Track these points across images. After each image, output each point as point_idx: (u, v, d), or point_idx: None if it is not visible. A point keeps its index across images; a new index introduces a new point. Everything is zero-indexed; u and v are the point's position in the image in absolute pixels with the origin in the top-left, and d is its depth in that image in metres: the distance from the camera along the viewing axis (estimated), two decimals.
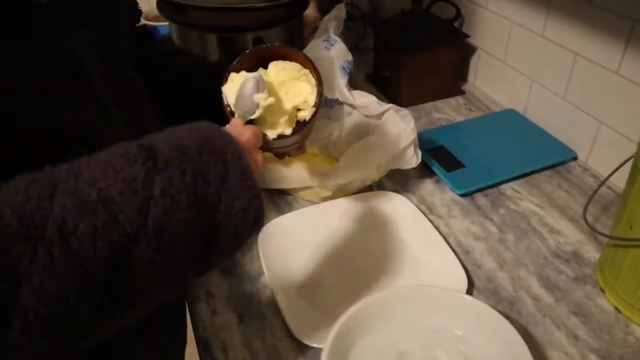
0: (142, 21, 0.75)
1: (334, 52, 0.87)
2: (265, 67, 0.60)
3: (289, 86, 0.58)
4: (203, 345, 0.64)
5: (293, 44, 1.06)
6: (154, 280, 0.37)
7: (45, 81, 0.42)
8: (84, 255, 0.32)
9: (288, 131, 0.58)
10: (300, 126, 0.59)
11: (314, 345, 0.61)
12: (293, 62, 0.60)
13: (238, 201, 0.41)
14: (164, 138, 0.40)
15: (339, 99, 0.88)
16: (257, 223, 0.43)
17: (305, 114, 0.58)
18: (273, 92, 0.57)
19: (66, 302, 0.32)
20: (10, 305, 0.30)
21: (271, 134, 0.57)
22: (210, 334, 0.65)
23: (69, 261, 0.31)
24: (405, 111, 0.82)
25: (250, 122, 0.55)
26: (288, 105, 0.58)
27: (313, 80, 0.59)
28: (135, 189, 0.35)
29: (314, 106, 0.58)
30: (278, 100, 0.57)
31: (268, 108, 0.55)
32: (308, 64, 0.60)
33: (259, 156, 0.49)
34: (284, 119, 0.58)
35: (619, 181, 0.83)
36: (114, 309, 0.36)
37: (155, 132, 0.42)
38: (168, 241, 0.37)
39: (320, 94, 0.58)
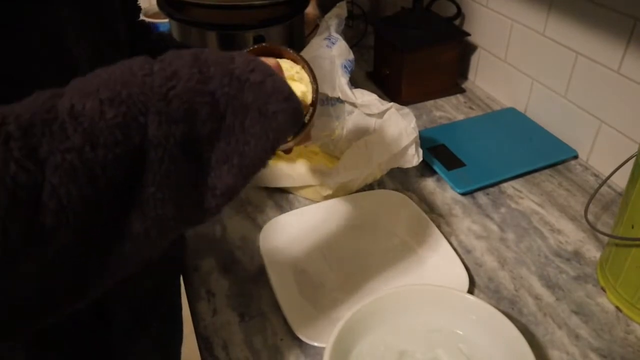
0: (141, 17, 0.74)
1: (335, 51, 0.87)
2: None
3: None
4: (204, 344, 0.64)
5: (294, 43, 1.06)
6: (174, 167, 0.35)
7: (42, 86, 0.42)
8: (97, 128, 0.32)
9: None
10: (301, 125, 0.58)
11: (315, 344, 0.61)
12: (284, 60, 0.59)
13: (251, 77, 0.38)
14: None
15: (340, 98, 0.88)
16: (280, 98, 0.39)
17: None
18: None
19: (89, 179, 0.31)
20: (40, 185, 0.30)
21: None
22: (211, 333, 0.65)
23: (84, 135, 0.31)
24: (406, 110, 0.81)
25: None
26: None
27: (306, 77, 0.58)
28: (134, 71, 0.35)
29: (311, 105, 0.57)
30: None
31: None
32: (299, 60, 0.58)
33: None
34: None
35: (620, 180, 0.83)
36: (134, 204, 0.34)
37: None
38: (180, 109, 0.35)
39: (315, 90, 0.57)
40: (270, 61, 0.44)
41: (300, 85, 0.58)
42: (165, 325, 0.75)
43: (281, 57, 0.59)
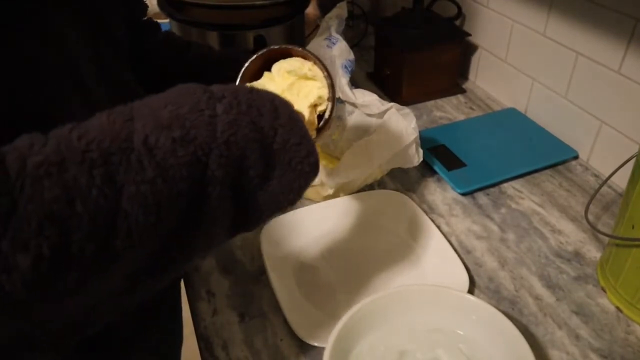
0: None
1: (336, 51, 0.87)
2: (269, 70, 0.59)
3: (299, 87, 0.58)
4: (204, 344, 0.64)
5: (294, 43, 1.06)
6: (224, 203, 0.39)
7: (42, 86, 0.42)
8: (168, 163, 0.35)
9: (312, 133, 0.57)
10: (322, 121, 0.58)
11: (315, 344, 0.61)
12: (294, 59, 0.59)
13: (291, 137, 0.43)
14: (214, 85, 0.42)
15: (341, 98, 0.88)
16: (312, 160, 0.44)
17: (323, 108, 0.58)
18: (285, 97, 0.57)
19: (156, 208, 0.35)
20: (115, 211, 0.33)
21: None
22: (211, 333, 0.65)
23: (157, 169, 0.35)
24: (406, 110, 0.81)
25: None
26: (303, 105, 0.57)
27: (320, 73, 0.58)
28: (201, 108, 0.38)
29: (328, 99, 0.57)
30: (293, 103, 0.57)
31: None
32: (309, 56, 0.58)
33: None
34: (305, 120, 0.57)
35: (621, 181, 0.83)
36: (189, 229, 0.38)
37: None
38: (236, 154, 0.39)
39: (331, 85, 0.57)
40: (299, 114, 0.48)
41: (316, 83, 0.57)
42: (165, 326, 0.75)
43: (290, 56, 0.59)
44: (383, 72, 1.16)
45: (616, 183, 0.86)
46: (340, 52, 0.87)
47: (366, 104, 0.85)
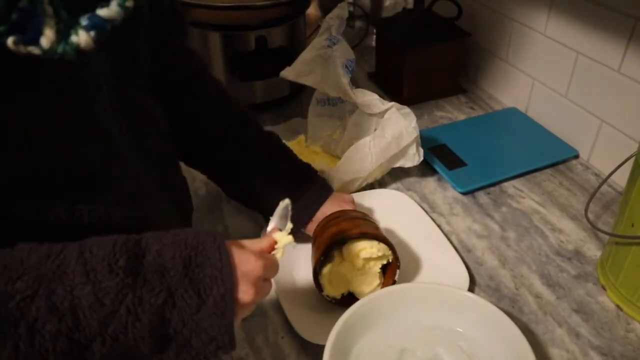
0: None
1: (336, 51, 0.87)
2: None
3: (369, 266, 0.66)
4: None
5: (295, 43, 1.07)
6: None
7: (53, 131, 0.42)
8: (45, 348, 0.37)
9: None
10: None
11: (316, 342, 0.61)
12: (366, 242, 0.65)
13: (202, 333, 0.43)
14: (158, 251, 0.42)
15: (341, 98, 0.89)
16: (218, 353, 0.44)
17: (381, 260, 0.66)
18: (357, 276, 0.66)
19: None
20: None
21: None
22: None
23: (31, 354, 0.37)
24: (407, 109, 0.82)
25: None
26: (375, 273, 0.66)
27: (385, 248, 0.65)
28: (104, 303, 0.39)
29: (395, 261, 0.66)
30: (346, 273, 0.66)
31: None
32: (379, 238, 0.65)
33: (259, 284, 0.47)
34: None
35: (620, 179, 0.83)
36: None
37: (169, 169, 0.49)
38: (122, 346, 0.40)
39: (397, 257, 0.66)
40: (251, 261, 0.47)
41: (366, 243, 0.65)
42: None
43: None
44: (384, 72, 1.16)
45: (616, 182, 0.86)
46: (340, 52, 0.87)
47: (367, 103, 0.85)
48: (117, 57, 0.49)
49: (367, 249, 0.64)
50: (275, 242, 0.52)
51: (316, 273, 0.64)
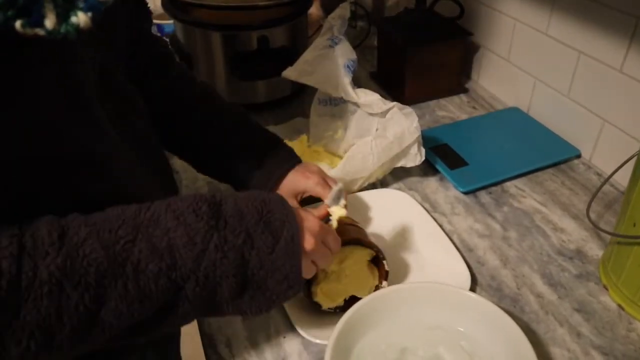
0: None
1: (338, 51, 0.88)
2: None
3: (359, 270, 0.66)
4: (208, 341, 0.65)
5: (297, 43, 1.07)
6: (190, 315, 0.46)
7: (43, 112, 0.42)
8: (149, 288, 0.42)
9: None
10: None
11: (318, 341, 0.62)
12: (359, 249, 0.66)
13: (276, 273, 0.48)
14: (233, 201, 0.48)
15: (343, 97, 0.89)
16: (289, 294, 0.50)
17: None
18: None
19: (131, 320, 0.42)
20: (94, 320, 0.40)
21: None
22: (214, 330, 0.65)
23: (137, 292, 0.41)
24: (409, 109, 0.82)
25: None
26: (363, 266, 0.67)
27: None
28: (196, 242, 0.44)
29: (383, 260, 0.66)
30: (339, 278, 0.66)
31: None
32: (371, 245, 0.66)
33: (319, 240, 0.53)
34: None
35: (622, 179, 0.83)
36: (157, 324, 0.45)
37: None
38: (212, 284, 0.45)
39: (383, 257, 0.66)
40: (311, 219, 0.54)
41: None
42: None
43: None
44: (386, 72, 1.16)
45: (618, 181, 0.86)
46: (342, 52, 0.87)
47: (368, 103, 0.85)
48: (101, 42, 0.50)
49: (341, 256, 0.65)
50: (329, 214, 0.61)
51: (308, 295, 0.64)
